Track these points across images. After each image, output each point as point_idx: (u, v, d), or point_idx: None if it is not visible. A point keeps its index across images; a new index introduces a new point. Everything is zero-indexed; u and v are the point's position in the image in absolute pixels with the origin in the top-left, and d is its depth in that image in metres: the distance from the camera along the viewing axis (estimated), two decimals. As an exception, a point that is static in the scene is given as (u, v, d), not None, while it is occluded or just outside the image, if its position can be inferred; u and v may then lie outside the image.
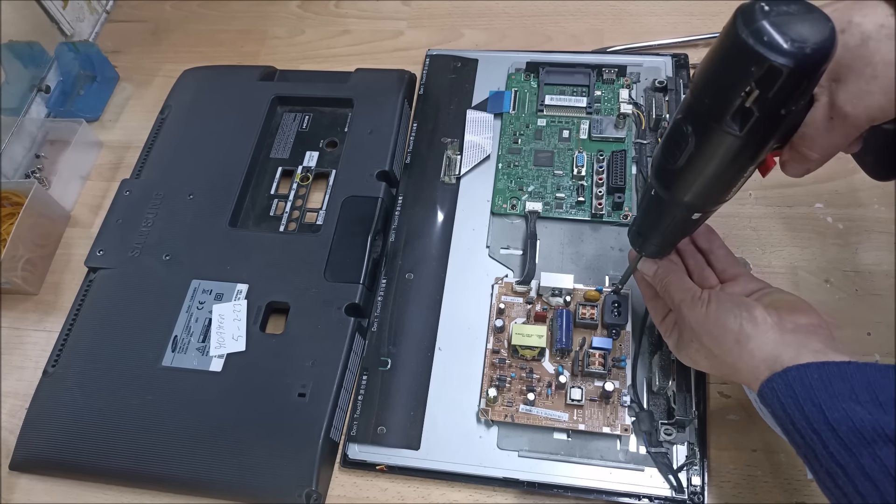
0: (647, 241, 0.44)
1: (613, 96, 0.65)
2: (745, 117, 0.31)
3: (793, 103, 0.30)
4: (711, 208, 0.39)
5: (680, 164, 0.35)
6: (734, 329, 0.39)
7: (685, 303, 0.43)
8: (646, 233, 0.44)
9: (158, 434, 0.52)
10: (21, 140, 0.71)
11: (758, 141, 0.32)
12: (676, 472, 0.48)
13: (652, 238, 0.44)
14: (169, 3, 0.85)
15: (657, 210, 0.41)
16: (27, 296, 0.65)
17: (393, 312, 0.57)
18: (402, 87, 0.68)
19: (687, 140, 0.34)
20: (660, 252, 0.45)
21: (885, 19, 0.31)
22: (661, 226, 0.42)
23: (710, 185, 0.36)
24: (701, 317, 0.41)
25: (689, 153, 0.34)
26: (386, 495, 0.51)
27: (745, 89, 0.30)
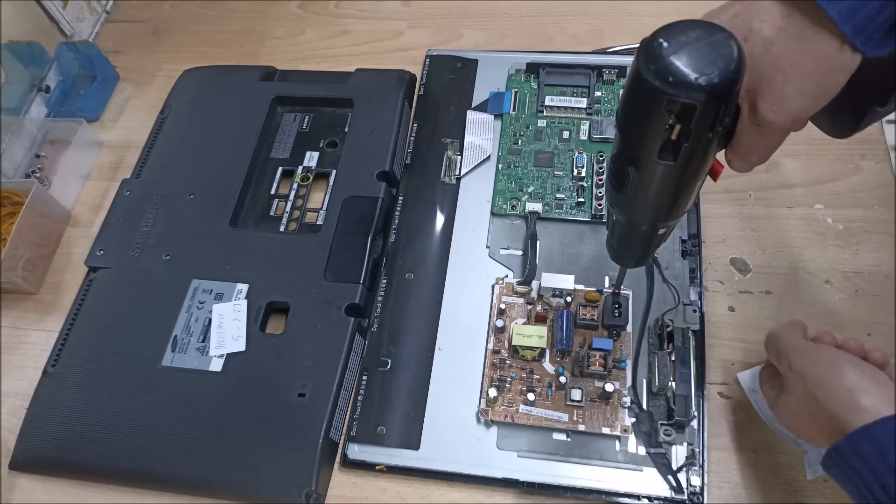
0: (624, 256, 0.45)
1: (613, 97, 0.65)
2: (676, 147, 0.31)
3: (718, 125, 0.30)
4: (670, 223, 0.39)
5: (629, 194, 0.35)
6: (849, 377, 0.38)
7: (796, 349, 0.41)
8: (620, 250, 0.44)
9: (158, 434, 0.52)
10: (21, 140, 0.71)
11: (695, 163, 0.32)
12: (676, 473, 0.48)
13: (628, 254, 0.44)
14: (169, 3, 0.85)
15: (623, 231, 0.41)
16: (27, 295, 0.65)
17: (393, 312, 0.57)
18: (403, 87, 0.68)
19: (627, 174, 0.34)
20: (638, 263, 0.46)
21: (782, 21, 0.30)
22: (631, 243, 0.42)
23: (661, 206, 0.36)
24: (813, 360, 0.40)
25: (634, 184, 0.34)
26: (386, 495, 0.51)
27: (666, 126, 0.30)
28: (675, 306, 0.54)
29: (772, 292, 0.55)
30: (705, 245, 0.58)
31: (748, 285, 0.56)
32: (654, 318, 0.53)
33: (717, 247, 0.58)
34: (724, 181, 0.60)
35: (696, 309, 0.53)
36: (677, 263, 0.56)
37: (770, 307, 0.55)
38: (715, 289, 0.56)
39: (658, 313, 0.53)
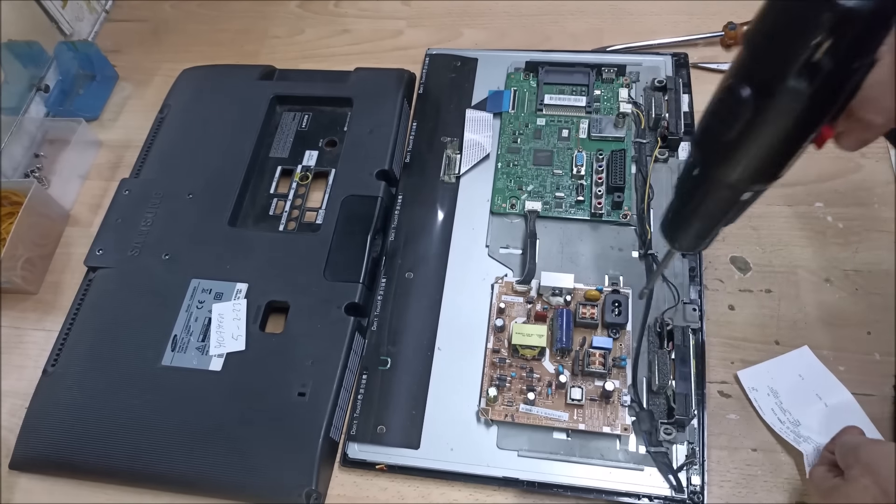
0: (684, 231, 0.40)
1: (613, 95, 0.65)
2: (814, 73, 0.28)
3: (866, 55, 0.28)
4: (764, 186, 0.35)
5: (734, 135, 0.32)
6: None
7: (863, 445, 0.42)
8: (683, 222, 0.39)
9: (158, 434, 0.52)
10: (20, 139, 0.71)
11: (826, 99, 0.30)
12: (676, 472, 0.48)
13: (690, 228, 0.39)
14: (169, 3, 0.85)
15: (700, 193, 0.36)
16: (27, 295, 0.65)
17: (393, 312, 0.57)
18: (402, 86, 0.68)
19: (743, 106, 0.30)
20: (696, 244, 0.41)
21: None
22: (702, 211, 0.37)
23: (768, 156, 0.32)
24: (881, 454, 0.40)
25: (746, 120, 0.31)
26: (386, 494, 0.51)
27: (816, 39, 0.27)
28: (675, 305, 0.53)
29: (772, 291, 0.55)
30: (705, 244, 0.57)
31: (748, 284, 0.56)
32: (654, 316, 0.53)
33: (716, 245, 0.58)
34: (723, 180, 0.60)
35: (696, 307, 0.53)
36: (677, 262, 0.56)
37: (770, 305, 0.55)
38: (715, 287, 0.56)
39: (658, 312, 0.53)
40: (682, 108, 0.62)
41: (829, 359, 0.51)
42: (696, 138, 0.36)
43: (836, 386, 0.49)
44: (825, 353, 0.52)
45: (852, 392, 0.49)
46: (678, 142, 0.60)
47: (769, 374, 0.51)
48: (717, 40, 0.69)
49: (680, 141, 0.60)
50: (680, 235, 0.40)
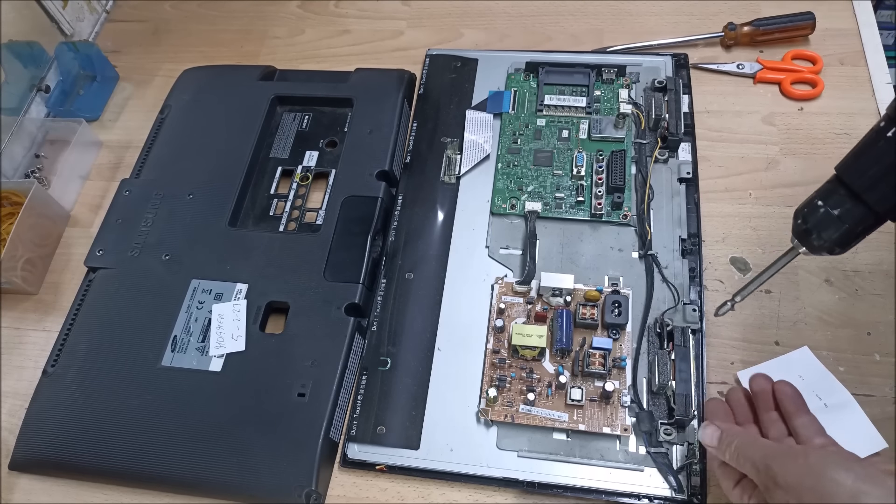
0: (845, 214, 0.35)
1: (613, 96, 0.65)
2: None
3: None
4: None
5: None
6: (847, 484, 0.34)
7: (775, 459, 0.37)
8: (853, 199, 0.34)
9: (158, 434, 0.52)
10: (21, 140, 0.71)
11: None
12: (676, 472, 0.48)
13: (857, 209, 0.34)
14: (169, 3, 0.85)
15: (892, 156, 0.32)
16: (27, 295, 0.65)
17: (393, 312, 0.57)
18: (402, 86, 0.68)
19: None
20: (844, 240, 0.36)
21: None
22: (884, 184, 0.33)
23: None
24: (802, 470, 0.36)
25: None
26: (386, 495, 0.51)
27: None
28: (675, 305, 0.53)
29: (772, 291, 0.55)
30: (705, 244, 0.57)
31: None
32: (654, 317, 0.53)
33: (717, 246, 0.58)
34: (723, 180, 0.61)
35: (695, 308, 0.53)
36: (677, 263, 0.56)
37: (770, 306, 0.55)
38: (715, 288, 0.56)
39: (658, 312, 0.53)
40: (682, 109, 0.62)
41: (829, 359, 0.51)
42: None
43: (835, 386, 0.49)
44: (825, 354, 0.52)
45: (852, 392, 0.49)
46: (678, 142, 0.60)
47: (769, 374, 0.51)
48: (717, 41, 0.69)
49: (680, 141, 0.61)
50: (831, 224, 0.36)
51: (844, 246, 0.38)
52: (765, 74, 0.65)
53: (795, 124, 0.63)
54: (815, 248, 0.38)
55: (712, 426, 0.43)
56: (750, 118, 0.64)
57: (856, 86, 0.64)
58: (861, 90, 0.64)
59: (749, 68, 0.66)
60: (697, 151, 0.61)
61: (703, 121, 0.63)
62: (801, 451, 0.37)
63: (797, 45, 0.67)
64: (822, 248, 0.38)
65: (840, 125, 0.62)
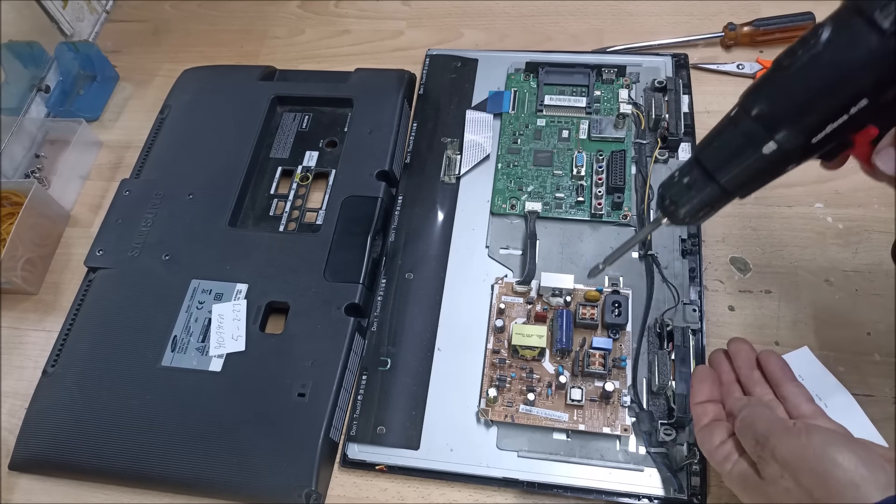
0: (695, 187, 0.37)
1: (613, 96, 0.65)
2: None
3: None
4: (792, 145, 0.33)
5: (796, 66, 0.31)
6: (849, 468, 0.33)
7: (775, 432, 0.36)
8: (704, 176, 0.36)
9: (158, 434, 0.52)
10: (21, 140, 0.71)
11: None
12: (676, 472, 0.48)
13: (705, 186, 0.37)
14: (169, 3, 0.85)
15: (728, 132, 0.35)
16: (27, 296, 0.65)
17: (393, 312, 0.57)
18: (402, 86, 0.68)
19: (816, 36, 0.30)
20: (694, 216, 0.38)
21: None
22: (729, 167, 0.35)
23: (819, 103, 0.31)
24: (801, 449, 0.35)
25: (814, 52, 0.30)
26: (386, 495, 0.51)
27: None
28: (675, 305, 0.53)
29: (772, 291, 0.55)
30: (705, 244, 0.57)
31: (748, 284, 0.56)
32: (654, 317, 0.53)
33: (716, 246, 0.58)
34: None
35: (695, 308, 0.53)
36: (677, 263, 0.56)
37: (770, 306, 0.55)
38: (715, 288, 0.56)
39: (658, 312, 0.53)
40: (682, 109, 0.62)
41: (829, 359, 0.51)
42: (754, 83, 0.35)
43: (835, 386, 0.49)
44: (825, 354, 0.52)
45: (852, 393, 0.49)
46: (678, 142, 0.60)
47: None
48: (717, 41, 0.69)
49: (680, 142, 0.61)
50: (685, 197, 0.38)
51: (696, 216, 0.39)
52: (765, 74, 0.65)
53: (795, 124, 0.63)
54: (673, 218, 0.39)
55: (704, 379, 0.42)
56: (750, 118, 0.64)
57: (856, 86, 0.64)
58: (861, 90, 0.64)
59: (749, 68, 0.66)
60: (697, 151, 0.61)
61: (703, 121, 0.63)
62: (802, 429, 0.36)
63: (797, 45, 0.67)
64: (678, 218, 0.39)
65: (840, 125, 0.62)
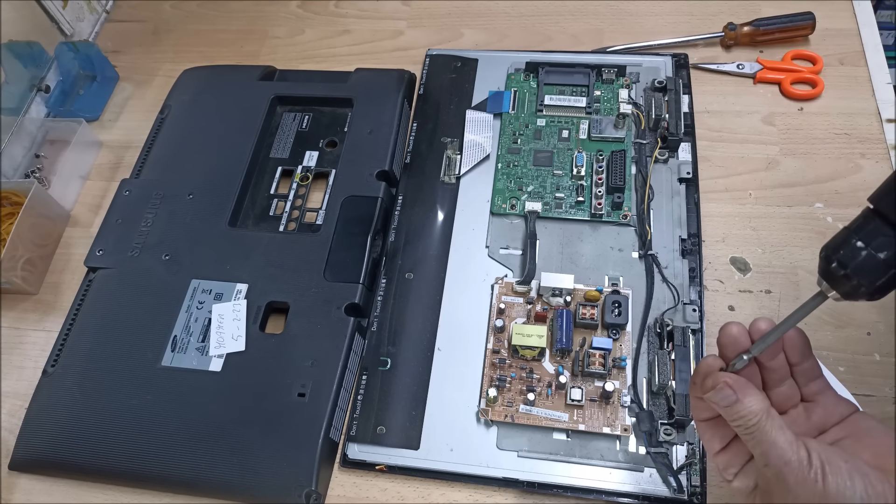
0: (883, 259, 0.30)
1: (613, 96, 0.65)
2: None
3: None
4: None
5: None
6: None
7: (790, 468, 0.33)
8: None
9: (158, 434, 0.52)
10: (21, 140, 0.71)
11: None
12: (676, 473, 0.48)
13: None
14: (169, 3, 0.85)
15: None
16: (27, 296, 0.65)
17: (393, 312, 0.57)
18: (402, 86, 0.68)
19: None
20: (886, 287, 0.31)
21: None
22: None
23: None
24: (816, 494, 0.32)
25: None
26: (386, 495, 0.51)
27: None
28: (675, 305, 0.53)
29: (772, 291, 0.55)
30: (705, 244, 0.57)
31: (748, 284, 0.56)
32: (654, 317, 0.53)
33: (716, 246, 0.58)
34: (723, 180, 0.61)
35: (696, 308, 0.53)
36: (677, 263, 0.56)
37: (770, 306, 0.55)
38: (715, 288, 0.56)
39: (658, 312, 0.53)
40: (682, 109, 0.62)
41: (829, 359, 0.51)
42: None
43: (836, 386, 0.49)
44: (825, 354, 0.52)
45: (852, 392, 0.49)
46: (678, 142, 0.61)
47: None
48: (717, 41, 0.69)
49: (680, 141, 0.61)
50: (876, 268, 0.31)
51: (886, 291, 0.32)
52: (765, 74, 0.65)
53: (795, 124, 0.63)
54: (851, 294, 0.32)
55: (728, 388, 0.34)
56: (750, 118, 0.64)
57: (856, 86, 0.64)
58: (861, 90, 0.64)
59: (749, 68, 0.66)
60: (697, 151, 0.61)
61: (703, 121, 0.63)
62: (818, 468, 0.33)
63: (797, 45, 0.67)
64: (861, 295, 0.32)
65: (840, 125, 0.62)
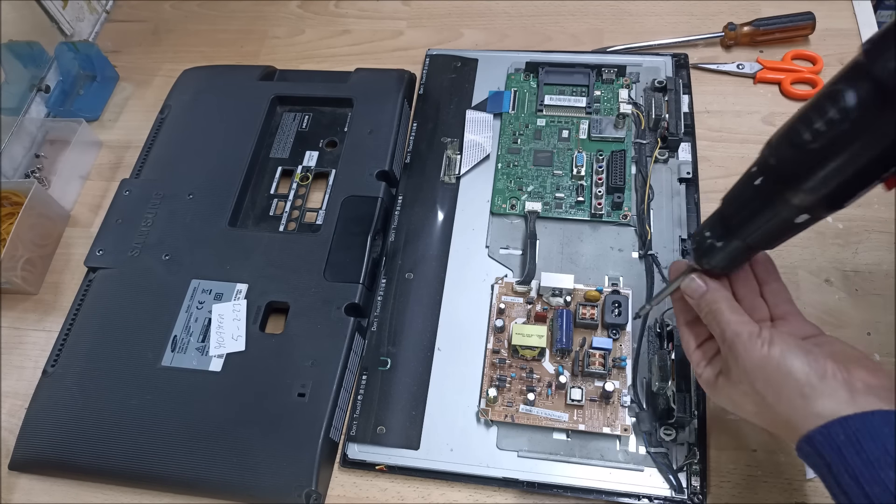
0: (721, 247, 0.38)
1: (613, 96, 0.65)
2: None
3: None
4: (826, 211, 0.33)
5: (818, 144, 0.30)
6: (800, 380, 0.35)
7: (741, 338, 0.38)
8: (725, 235, 0.37)
9: (158, 434, 0.52)
10: (21, 140, 0.71)
11: None
12: (676, 472, 0.48)
13: (729, 244, 0.38)
14: (169, 3, 0.85)
15: (755, 206, 0.35)
16: (27, 296, 0.65)
17: (393, 312, 0.57)
18: (402, 86, 0.68)
19: (844, 113, 0.29)
20: (726, 266, 0.39)
21: None
22: (751, 228, 0.36)
23: (845, 176, 0.31)
24: (761, 358, 0.36)
25: (841, 130, 0.29)
26: (386, 495, 0.51)
27: None
28: (675, 306, 0.54)
29: (772, 291, 0.55)
30: (705, 244, 0.57)
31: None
32: (654, 317, 0.53)
33: (717, 246, 0.58)
34: (723, 180, 0.60)
35: (695, 308, 0.53)
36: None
37: (770, 306, 0.54)
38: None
39: (658, 312, 0.53)
40: (682, 109, 0.62)
41: (829, 359, 0.51)
42: (771, 144, 0.34)
43: None
44: (825, 354, 0.52)
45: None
46: (678, 142, 0.61)
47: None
48: (717, 41, 0.69)
49: (680, 141, 0.61)
50: (715, 252, 0.39)
51: (729, 268, 0.40)
52: (765, 74, 0.65)
53: (795, 124, 0.63)
54: (707, 270, 0.41)
55: (699, 280, 0.41)
56: (750, 118, 0.64)
57: (856, 86, 0.64)
58: (861, 90, 0.64)
59: (749, 68, 0.66)
60: (697, 151, 0.61)
61: (703, 121, 0.63)
62: (766, 339, 0.37)
63: (797, 45, 0.67)
64: (710, 268, 0.40)
65: (840, 125, 0.62)
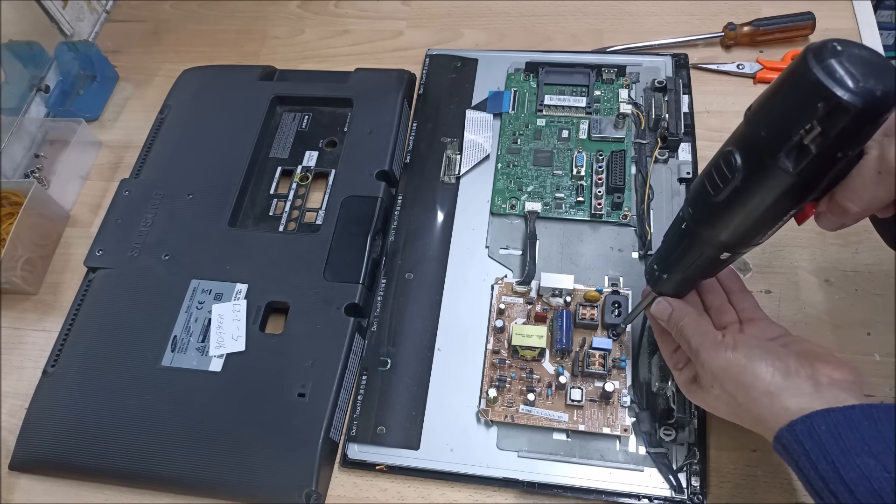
0: (667, 278, 0.43)
1: (613, 96, 0.65)
2: (801, 155, 0.30)
3: (851, 147, 0.30)
4: (743, 249, 0.38)
5: (721, 198, 0.35)
6: (765, 378, 0.37)
7: (704, 346, 0.41)
8: (667, 269, 0.43)
9: (158, 434, 0.52)
10: (20, 140, 0.71)
11: (808, 182, 0.32)
12: (676, 473, 0.48)
13: (672, 276, 0.43)
14: (169, 3, 0.85)
15: (684, 245, 0.40)
16: (27, 296, 0.65)
17: (392, 312, 0.57)
18: (402, 86, 0.68)
19: (734, 173, 0.33)
20: (676, 292, 0.44)
21: None
22: (684, 263, 0.41)
23: (748, 223, 0.35)
24: (725, 362, 0.39)
25: (734, 187, 0.34)
26: (386, 495, 0.51)
27: (807, 125, 0.29)
28: (675, 306, 0.54)
29: (772, 291, 0.55)
30: (705, 244, 0.57)
31: (748, 284, 0.55)
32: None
33: (716, 246, 0.58)
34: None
35: (695, 308, 0.53)
36: (677, 263, 0.56)
37: (770, 306, 0.54)
38: (715, 288, 0.56)
39: (658, 313, 0.53)
40: (682, 109, 0.62)
41: (829, 359, 0.51)
42: (689, 195, 0.39)
43: None
44: (825, 354, 0.52)
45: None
46: (678, 142, 0.61)
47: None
48: (717, 41, 0.69)
49: (680, 142, 0.61)
50: (662, 283, 0.44)
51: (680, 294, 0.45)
52: (765, 74, 0.65)
53: (795, 124, 0.63)
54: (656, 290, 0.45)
55: (665, 303, 0.45)
56: (750, 118, 0.64)
57: (856, 86, 0.64)
58: (861, 90, 0.64)
59: (749, 68, 0.66)
60: (697, 151, 0.61)
61: (703, 121, 0.63)
62: (730, 344, 0.40)
63: (797, 45, 0.67)
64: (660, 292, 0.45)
65: (840, 125, 0.62)
